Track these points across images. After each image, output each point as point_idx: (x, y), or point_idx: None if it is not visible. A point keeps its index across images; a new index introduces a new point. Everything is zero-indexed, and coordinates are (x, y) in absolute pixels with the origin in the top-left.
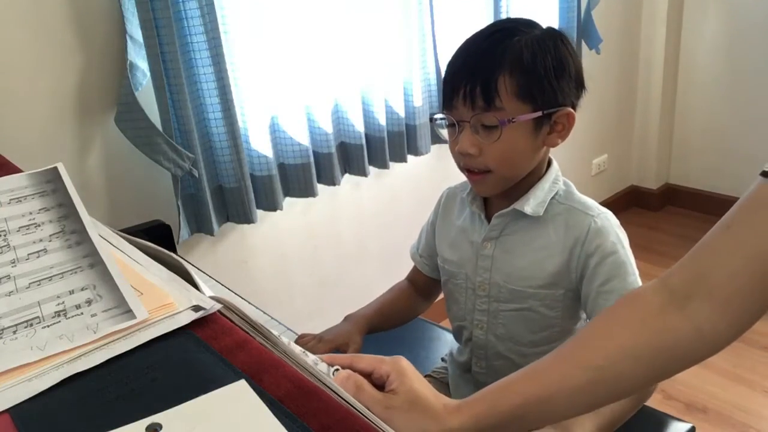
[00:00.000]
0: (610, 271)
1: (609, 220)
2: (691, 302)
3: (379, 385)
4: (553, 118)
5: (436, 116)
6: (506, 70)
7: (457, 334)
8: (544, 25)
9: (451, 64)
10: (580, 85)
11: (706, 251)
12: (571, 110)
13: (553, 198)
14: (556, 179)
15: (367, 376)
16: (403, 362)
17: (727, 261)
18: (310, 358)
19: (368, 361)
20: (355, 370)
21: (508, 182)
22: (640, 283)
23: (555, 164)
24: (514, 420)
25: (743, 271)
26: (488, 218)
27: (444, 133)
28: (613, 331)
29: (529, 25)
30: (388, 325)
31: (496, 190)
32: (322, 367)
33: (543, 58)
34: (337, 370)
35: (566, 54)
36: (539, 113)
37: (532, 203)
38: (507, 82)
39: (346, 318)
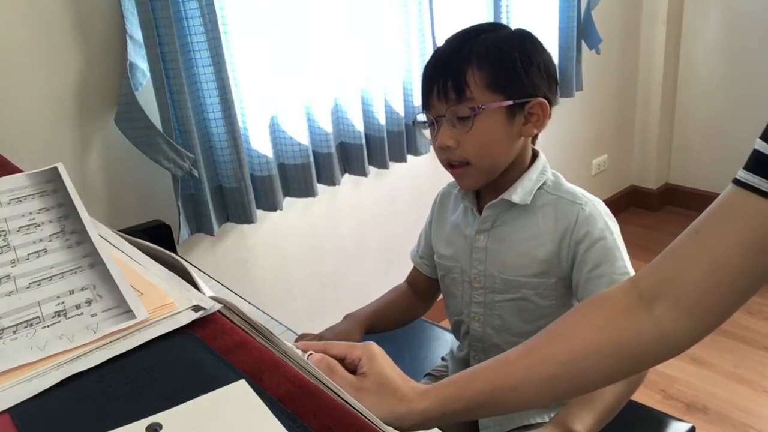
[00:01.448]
0: (599, 257)
1: (597, 207)
2: (658, 304)
3: (352, 370)
4: (526, 108)
5: (417, 117)
6: (474, 64)
7: (455, 328)
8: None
9: (426, 67)
10: (551, 79)
11: (675, 255)
12: (544, 100)
13: (541, 188)
14: (544, 170)
15: (341, 361)
16: (374, 347)
17: (694, 266)
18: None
19: (341, 347)
20: (329, 355)
21: (489, 174)
22: (630, 268)
23: (542, 156)
24: (480, 406)
25: (709, 277)
26: (480, 211)
27: (427, 134)
28: (581, 328)
29: (498, 26)
30: (387, 325)
31: (479, 183)
32: (297, 352)
33: (509, 51)
34: (310, 355)
35: (533, 49)
36: (510, 102)
37: (519, 192)
38: (476, 75)
39: (346, 317)
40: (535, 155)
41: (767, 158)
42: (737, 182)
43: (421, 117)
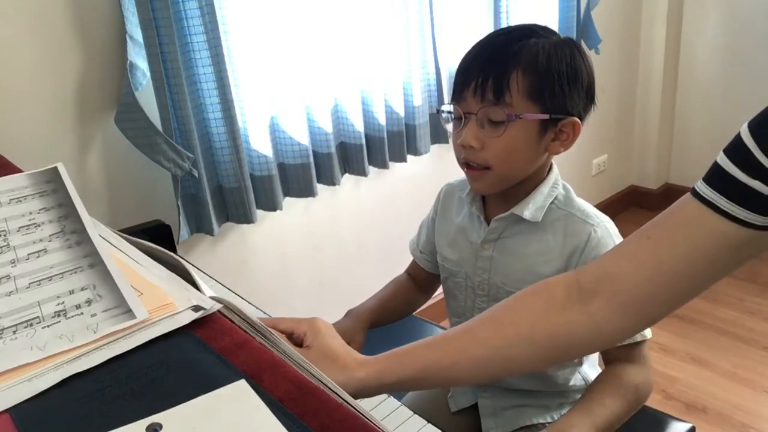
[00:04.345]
0: None
1: (608, 230)
2: (595, 300)
3: (298, 344)
4: (559, 125)
5: (443, 108)
6: (520, 68)
7: None
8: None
9: (466, 57)
10: (589, 98)
11: (622, 255)
12: (578, 120)
13: (552, 203)
14: (556, 183)
15: (289, 336)
16: (319, 322)
17: (638, 269)
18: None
19: (288, 322)
20: (277, 329)
21: (506, 182)
22: None
23: (555, 169)
24: (415, 380)
25: (651, 282)
26: (487, 219)
27: (449, 127)
28: (517, 315)
29: (549, 31)
30: (388, 319)
31: (492, 189)
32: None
33: (558, 63)
34: None
35: (581, 64)
36: (547, 116)
37: (531, 208)
38: (519, 80)
39: (348, 314)
40: (549, 168)
41: (726, 174)
42: (695, 194)
43: (448, 107)
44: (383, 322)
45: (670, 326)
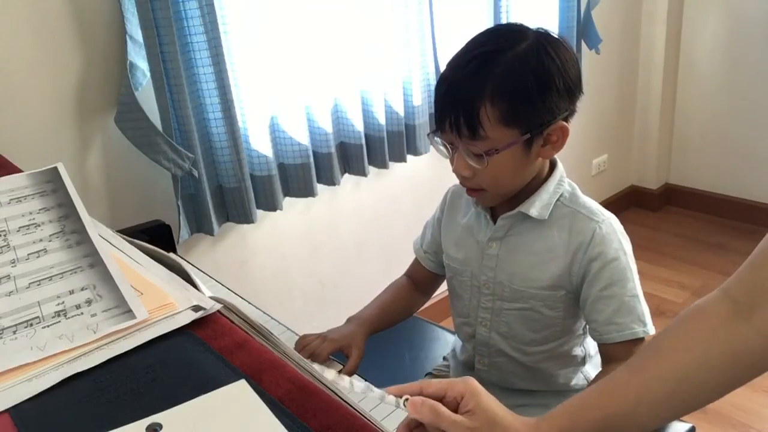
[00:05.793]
0: (611, 276)
1: (613, 226)
2: (756, 312)
3: (453, 408)
4: (544, 133)
5: (436, 138)
6: (487, 99)
7: (460, 330)
8: (539, 28)
9: (437, 89)
10: (572, 93)
11: (763, 264)
12: (563, 123)
13: (558, 200)
14: (561, 181)
15: (439, 400)
16: (474, 382)
17: None
18: (377, 393)
19: (437, 385)
20: (425, 395)
21: (507, 195)
22: (639, 290)
23: (560, 166)
24: None
25: None
26: (493, 218)
27: (443, 149)
28: (686, 342)
29: (515, 38)
30: (389, 324)
31: (496, 202)
32: (390, 399)
33: (525, 80)
34: (407, 400)
35: (552, 67)
36: (526, 136)
37: (537, 206)
38: (489, 112)
39: (349, 320)
40: (553, 165)
41: None
42: None
43: (437, 140)
44: (384, 327)
45: None
